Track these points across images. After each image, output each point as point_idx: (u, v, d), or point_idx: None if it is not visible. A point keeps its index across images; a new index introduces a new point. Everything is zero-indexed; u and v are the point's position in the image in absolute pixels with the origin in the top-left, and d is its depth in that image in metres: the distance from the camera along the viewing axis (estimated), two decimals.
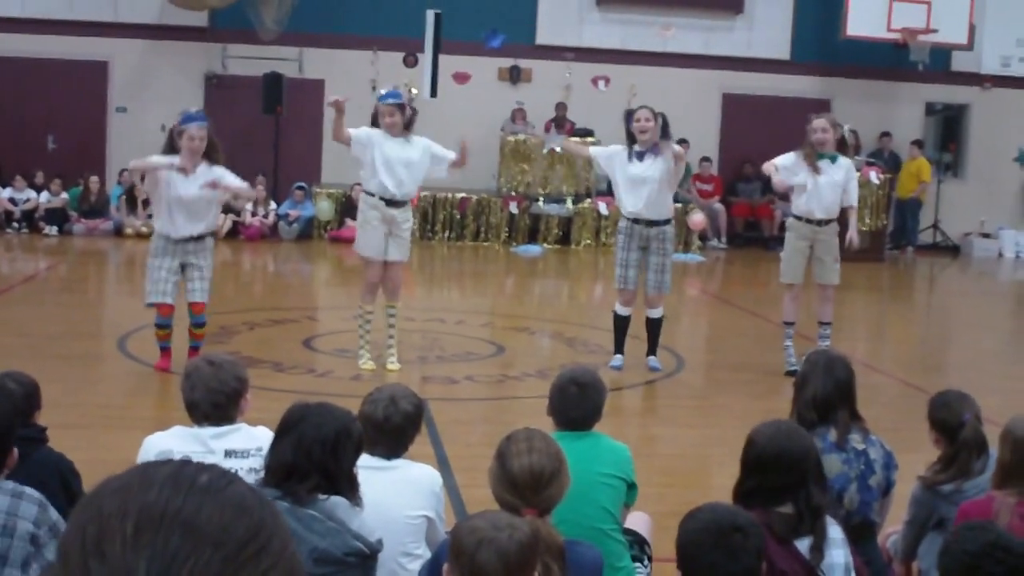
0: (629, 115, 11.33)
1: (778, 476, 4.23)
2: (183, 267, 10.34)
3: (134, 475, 1.32)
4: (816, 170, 11.23)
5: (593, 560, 4.17)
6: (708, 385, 11.47)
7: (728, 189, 23.76)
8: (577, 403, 5.15)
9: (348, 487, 4.17)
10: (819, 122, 11.65)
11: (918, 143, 23.71)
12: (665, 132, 11.09)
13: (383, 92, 11.32)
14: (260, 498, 1.34)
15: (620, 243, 11.17)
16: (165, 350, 10.41)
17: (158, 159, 10.27)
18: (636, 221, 11.05)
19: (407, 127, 10.87)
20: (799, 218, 11.39)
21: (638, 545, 5.34)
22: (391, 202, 10.64)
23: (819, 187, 11.23)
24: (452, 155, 11.07)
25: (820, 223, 11.29)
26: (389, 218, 10.64)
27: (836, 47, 23.27)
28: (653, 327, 11.35)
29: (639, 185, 10.99)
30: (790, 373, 10.73)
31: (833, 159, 11.36)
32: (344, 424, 4.23)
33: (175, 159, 10.15)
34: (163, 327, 10.40)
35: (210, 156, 10.39)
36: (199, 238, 10.29)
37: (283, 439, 4.16)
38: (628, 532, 5.28)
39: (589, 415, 5.18)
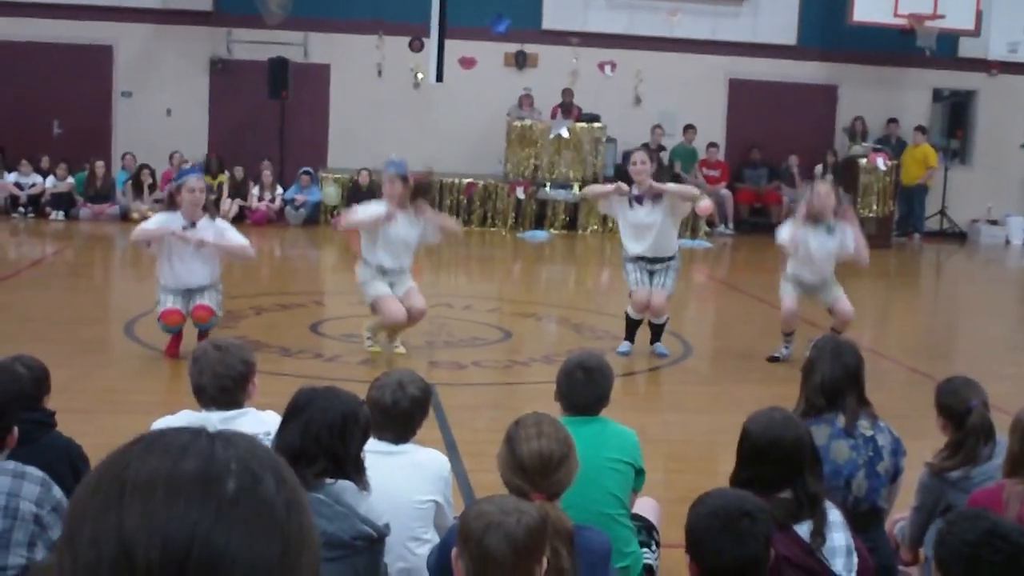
0: (626, 156, 11.21)
1: (773, 466, 4.23)
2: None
3: (176, 439, 1.30)
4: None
5: (601, 545, 4.17)
6: (715, 371, 11.46)
7: (734, 175, 23.72)
8: (583, 388, 5.15)
9: (355, 471, 4.17)
10: (821, 187, 11.35)
11: (921, 129, 23.64)
12: (660, 173, 10.87)
13: (390, 160, 11.26)
14: (287, 496, 1.31)
15: (628, 270, 11.24)
16: (175, 336, 10.37)
17: (157, 227, 10.31)
18: (640, 258, 11.10)
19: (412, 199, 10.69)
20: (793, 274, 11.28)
21: (646, 531, 5.34)
22: (387, 271, 10.65)
23: (811, 255, 11.07)
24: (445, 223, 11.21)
25: (813, 285, 11.25)
26: (388, 280, 10.67)
27: (843, 33, 23.21)
28: (657, 328, 11.32)
29: (643, 231, 11.01)
30: (772, 359, 11.24)
31: (830, 229, 11.05)
32: (351, 408, 4.23)
33: (175, 224, 10.16)
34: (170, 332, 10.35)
35: (209, 208, 10.43)
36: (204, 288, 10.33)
37: (290, 423, 4.16)
38: (636, 518, 5.28)
39: (595, 400, 5.17)
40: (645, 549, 5.21)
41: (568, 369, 5.21)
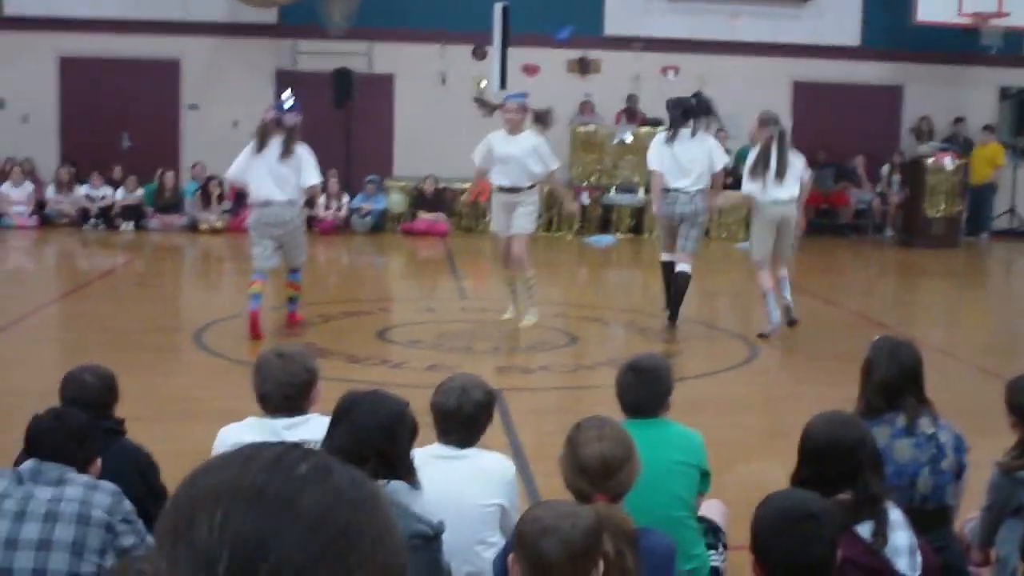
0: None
1: (833, 465, 4.22)
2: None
3: (239, 456, 1.32)
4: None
5: (665, 547, 4.17)
6: (783, 373, 11.42)
7: None
8: (633, 389, 5.11)
9: (405, 471, 4.20)
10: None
11: (990, 128, 23.37)
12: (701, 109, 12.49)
13: (511, 93, 12.98)
14: (365, 489, 1.33)
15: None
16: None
17: None
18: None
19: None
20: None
21: (712, 532, 5.33)
22: (504, 190, 12.21)
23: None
24: (552, 166, 12.50)
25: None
26: (509, 203, 12.20)
27: (906, 32, 22.98)
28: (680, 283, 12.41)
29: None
30: (763, 336, 12.19)
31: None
32: (398, 409, 4.27)
33: None
34: None
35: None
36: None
37: (338, 426, 4.19)
38: (702, 520, 5.26)
39: (646, 401, 5.10)
40: (712, 551, 5.19)
41: (621, 370, 5.21)
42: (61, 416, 4.50)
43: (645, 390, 5.11)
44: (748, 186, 12.10)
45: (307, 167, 11.67)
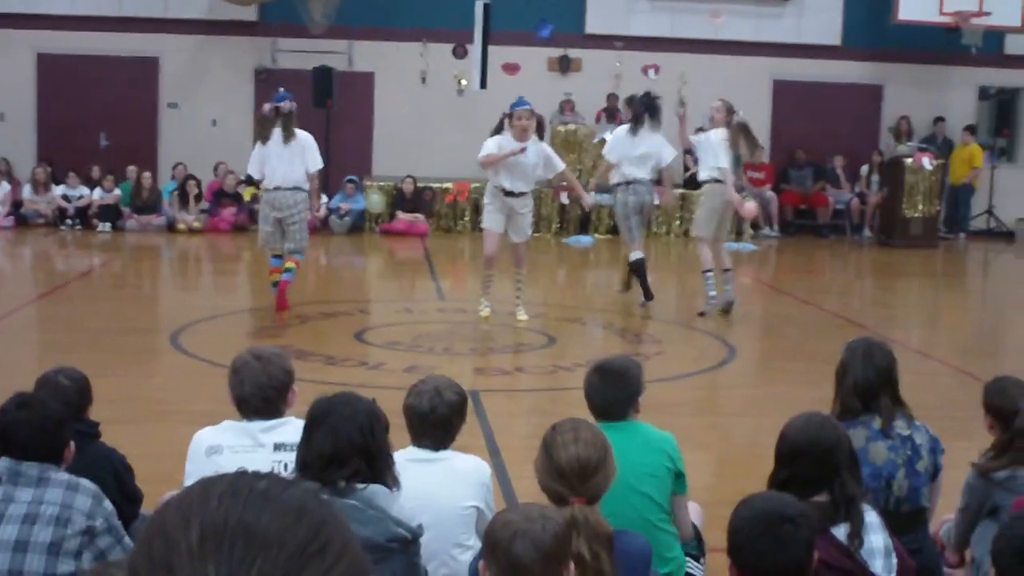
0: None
1: (810, 466, 4.22)
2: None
3: (194, 490, 1.35)
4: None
5: (640, 549, 4.17)
6: (761, 374, 11.43)
7: (780, 176, 23.59)
8: (600, 391, 5.06)
9: (386, 466, 4.19)
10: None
11: (971, 128, 23.46)
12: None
13: (520, 100, 12.57)
14: (319, 500, 1.36)
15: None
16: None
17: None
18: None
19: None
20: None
21: (697, 542, 5.31)
22: (507, 192, 12.43)
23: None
24: (562, 165, 12.90)
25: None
26: (509, 205, 12.46)
27: (887, 32, 23.04)
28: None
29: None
30: (702, 314, 13.37)
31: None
32: (371, 407, 4.27)
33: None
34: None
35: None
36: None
37: (316, 431, 4.15)
38: (692, 528, 5.24)
39: (613, 403, 5.04)
40: (690, 559, 5.16)
41: (588, 373, 5.18)
42: (26, 404, 4.42)
43: (612, 392, 5.05)
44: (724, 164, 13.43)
45: (311, 153, 12.77)
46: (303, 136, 12.75)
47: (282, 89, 13.33)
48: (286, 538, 1.29)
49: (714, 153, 13.39)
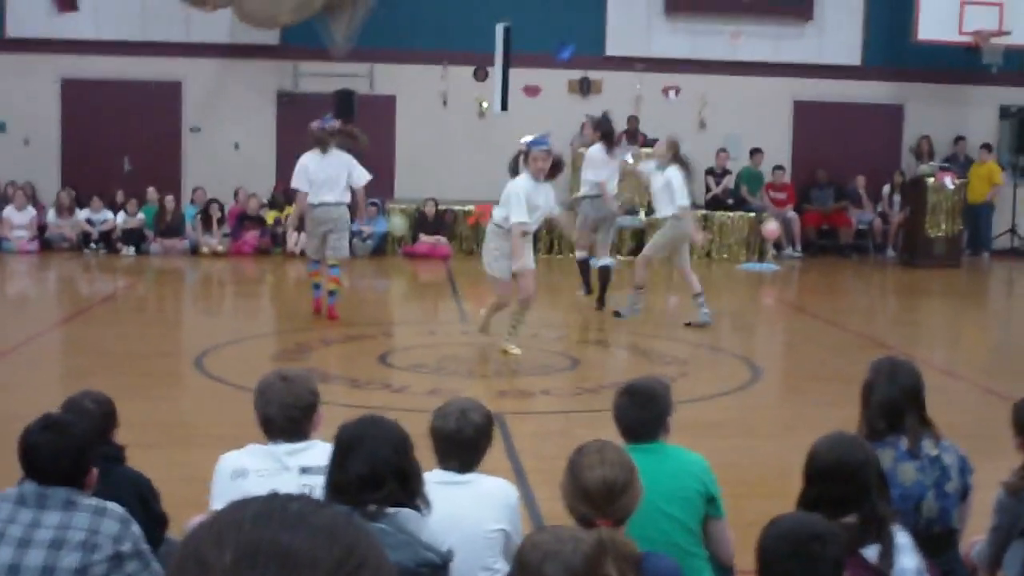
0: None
1: (838, 487, 4.19)
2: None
3: (226, 514, 1.35)
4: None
5: (668, 570, 4.14)
6: (786, 395, 11.39)
7: (801, 197, 23.54)
8: (628, 413, 5.04)
9: (419, 487, 4.21)
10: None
11: (987, 147, 23.38)
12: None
13: (538, 138, 12.40)
14: (350, 521, 1.36)
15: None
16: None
17: None
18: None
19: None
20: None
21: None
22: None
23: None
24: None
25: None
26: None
27: (907, 51, 23.00)
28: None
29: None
30: (617, 314, 14.50)
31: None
32: (399, 428, 4.29)
33: None
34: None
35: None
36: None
37: (351, 455, 4.15)
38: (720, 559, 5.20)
39: (640, 425, 5.02)
40: None
41: (616, 394, 5.16)
42: (50, 427, 4.41)
43: (640, 413, 5.03)
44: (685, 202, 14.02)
45: (355, 169, 14.12)
46: (345, 155, 14.10)
47: (329, 116, 15.09)
48: (320, 558, 1.28)
49: (670, 192, 13.98)
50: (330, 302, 14.09)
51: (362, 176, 14.17)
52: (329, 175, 13.90)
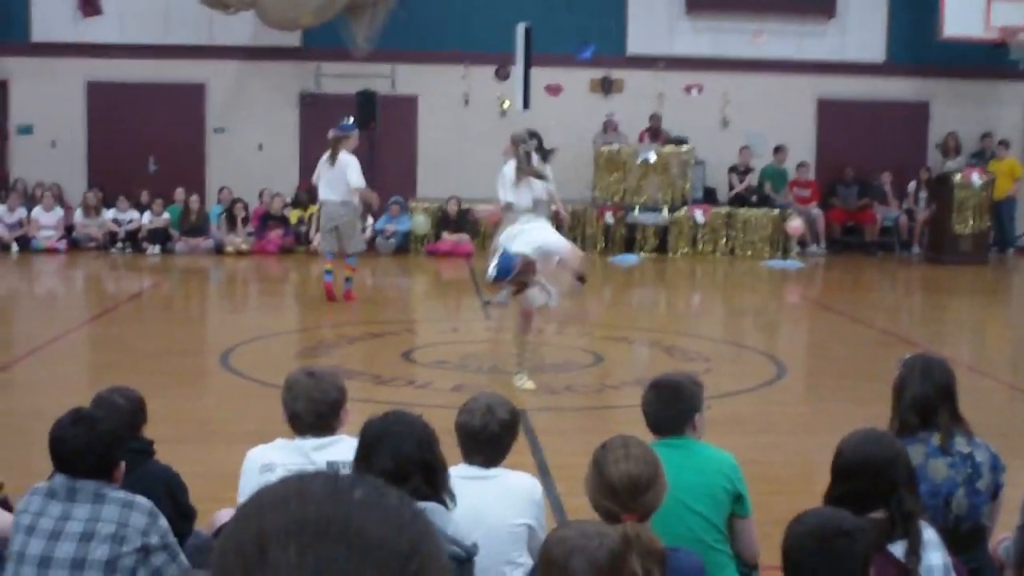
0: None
1: (866, 482, 4.17)
2: None
3: (290, 489, 1.32)
4: None
5: (693, 565, 4.14)
6: (811, 392, 11.37)
7: (826, 193, 23.46)
8: (652, 406, 5.04)
9: (445, 481, 4.25)
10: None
11: (1004, 143, 23.23)
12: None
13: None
14: (412, 509, 1.34)
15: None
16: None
17: None
18: None
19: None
20: None
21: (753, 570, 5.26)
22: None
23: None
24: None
25: None
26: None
27: (932, 48, 22.88)
28: None
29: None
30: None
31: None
32: (423, 422, 4.33)
33: None
34: None
35: None
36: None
37: (376, 450, 4.18)
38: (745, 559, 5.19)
39: (665, 419, 5.01)
40: None
41: (645, 388, 5.17)
42: (80, 420, 4.44)
43: (665, 407, 5.03)
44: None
45: (351, 172, 14.96)
46: (346, 158, 15.05)
47: (351, 119, 16.35)
48: (387, 550, 1.26)
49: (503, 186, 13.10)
50: (347, 286, 15.43)
51: (355, 180, 15.08)
52: (332, 176, 15.07)
